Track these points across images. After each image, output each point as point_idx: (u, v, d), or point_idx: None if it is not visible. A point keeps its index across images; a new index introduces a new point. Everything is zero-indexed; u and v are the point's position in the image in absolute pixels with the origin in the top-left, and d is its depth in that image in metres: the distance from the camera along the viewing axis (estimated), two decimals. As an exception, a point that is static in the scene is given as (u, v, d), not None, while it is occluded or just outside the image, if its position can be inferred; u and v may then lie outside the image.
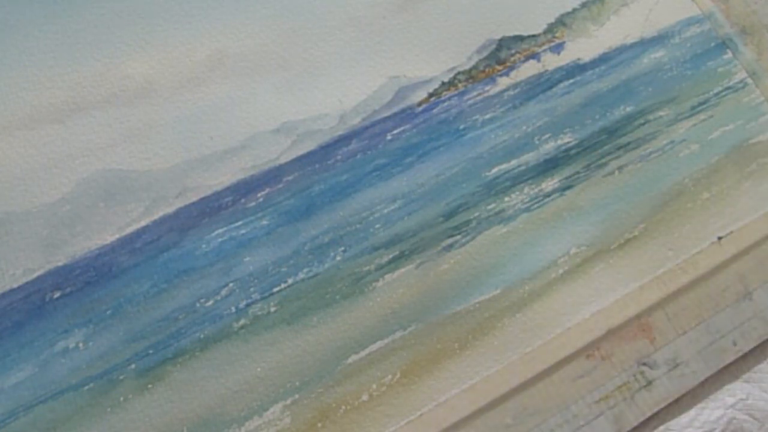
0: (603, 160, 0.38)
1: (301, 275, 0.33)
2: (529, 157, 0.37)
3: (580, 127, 0.38)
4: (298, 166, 0.35)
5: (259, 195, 0.34)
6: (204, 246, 0.33)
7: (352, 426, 0.31)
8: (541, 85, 0.39)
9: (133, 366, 0.31)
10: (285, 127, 0.35)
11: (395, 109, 0.37)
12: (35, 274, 0.31)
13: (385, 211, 0.35)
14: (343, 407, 0.31)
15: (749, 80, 0.41)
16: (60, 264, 0.31)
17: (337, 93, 0.36)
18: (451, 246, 0.35)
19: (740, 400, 0.35)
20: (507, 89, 0.38)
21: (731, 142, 0.39)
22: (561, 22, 0.40)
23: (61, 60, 0.34)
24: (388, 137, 0.36)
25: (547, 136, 0.38)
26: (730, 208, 0.38)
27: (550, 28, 0.40)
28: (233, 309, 0.32)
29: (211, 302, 0.32)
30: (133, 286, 0.32)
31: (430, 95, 0.37)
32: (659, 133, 0.39)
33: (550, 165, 0.37)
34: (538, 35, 0.40)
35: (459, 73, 0.38)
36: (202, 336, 0.31)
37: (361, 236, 0.34)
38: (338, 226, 0.34)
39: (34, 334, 0.30)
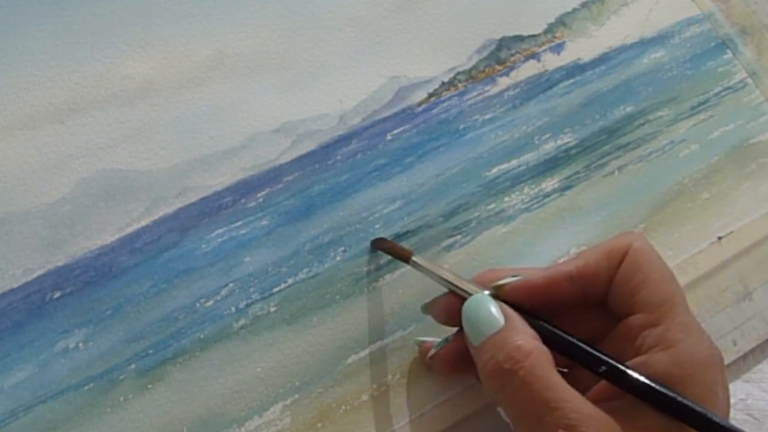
0: (603, 160, 0.38)
1: (301, 275, 0.33)
2: (529, 157, 0.37)
3: (580, 127, 0.38)
4: (298, 166, 0.35)
5: (259, 195, 0.34)
6: (204, 246, 0.33)
7: (352, 426, 0.31)
8: (541, 85, 0.39)
9: (133, 366, 0.31)
10: (285, 127, 0.35)
11: (395, 109, 0.37)
12: (35, 274, 0.31)
13: (385, 211, 0.35)
14: (343, 407, 0.31)
15: (749, 80, 0.41)
16: (60, 264, 0.31)
17: (337, 93, 0.36)
18: (451, 246, 0.35)
19: (740, 400, 0.35)
20: (507, 89, 0.38)
21: (731, 142, 0.39)
22: (561, 22, 0.40)
23: (61, 60, 0.34)
24: (388, 137, 0.36)
25: (547, 136, 0.38)
26: (730, 208, 0.38)
27: (550, 28, 0.40)
28: (233, 309, 0.32)
29: (211, 302, 0.32)
30: (133, 286, 0.32)
31: (430, 95, 0.37)
32: (659, 133, 0.39)
33: (550, 165, 0.37)
34: (538, 35, 0.40)
35: (459, 73, 0.38)
36: (202, 336, 0.31)
37: (361, 236, 0.34)
38: (338, 226, 0.34)
39: (34, 334, 0.30)
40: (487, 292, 0.28)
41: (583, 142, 0.38)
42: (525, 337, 0.26)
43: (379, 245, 0.34)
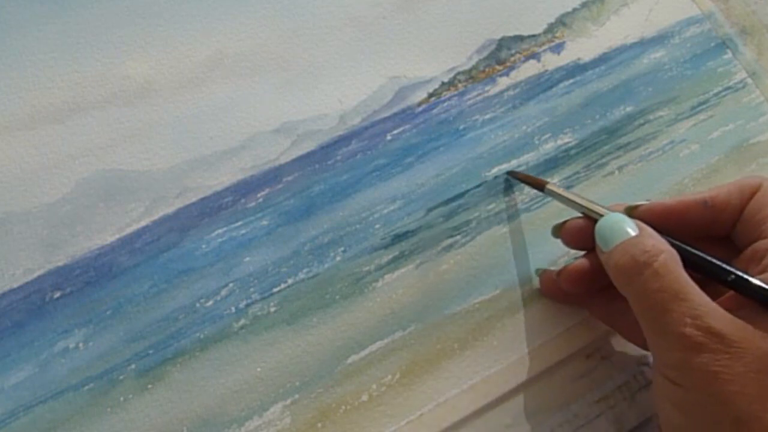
0: (603, 160, 0.38)
1: (301, 275, 0.33)
2: (529, 157, 0.37)
3: (580, 127, 0.38)
4: (298, 166, 0.35)
5: (259, 195, 0.34)
6: (204, 246, 0.33)
7: (352, 426, 0.31)
8: (541, 85, 0.39)
9: (133, 366, 0.31)
10: (285, 127, 0.35)
11: (395, 109, 0.37)
12: (35, 274, 0.31)
13: (385, 211, 0.35)
14: (343, 407, 0.31)
15: (749, 80, 0.41)
16: (60, 264, 0.31)
17: (337, 93, 0.36)
18: (451, 246, 0.35)
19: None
20: (507, 89, 0.38)
21: (731, 142, 0.39)
22: (561, 22, 0.40)
23: (61, 60, 0.34)
24: (388, 137, 0.36)
25: (547, 136, 0.38)
26: (730, 208, 0.38)
27: (550, 28, 0.40)
28: (233, 309, 0.32)
29: (211, 302, 0.32)
30: (133, 286, 0.32)
31: (430, 95, 0.37)
32: (659, 133, 0.39)
33: (550, 165, 0.37)
34: (538, 35, 0.40)
35: (459, 73, 0.38)
36: (202, 336, 0.31)
37: (361, 236, 0.34)
38: (338, 226, 0.34)
39: (34, 334, 0.30)
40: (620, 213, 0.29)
41: (583, 142, 0.38)
42: (659, 240, 0.27)
43: (515, 176, 0.36)
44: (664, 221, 0.29)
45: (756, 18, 0.42)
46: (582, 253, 0.32)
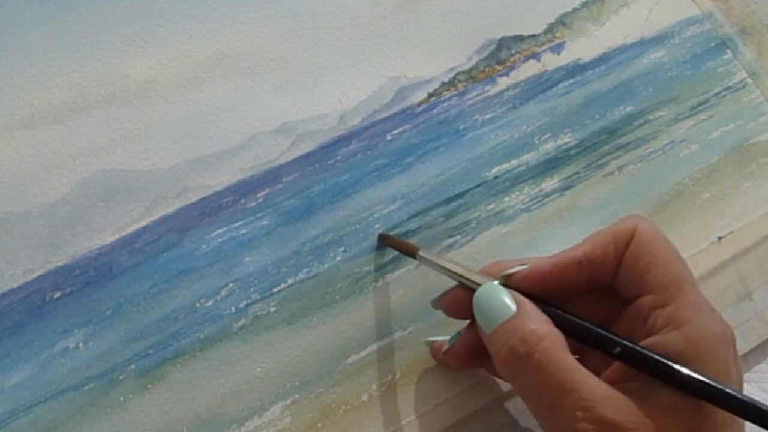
0: (603, 160, 0.38)
1: (301, 275, 0.33)
2: (529, 157, 0.37)
3: (580, 127, 0.38)
4: (298, 166, 0.35)
5: (259, 195, 0.34)
6: (204, 246, 0.33)
7: (352, 426, 0.31)
8: (541, 85, 0.39)
9: (133, 366, 0.31)
10: (285, 127, 0.35)
11: (395, 109, 0.37)
12: (35, 274, 0.31)
13: (385, 211, 0.35)
14: (343, 407, 0.31)
15: (749, 80, 0.41)
16: (60, 264, 0.31)
17: (337, 93, 0.36)
18: (451, 246, 0.35)
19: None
20: (507, 89, 0.38)
21: (731, 142, 0.39)
22: (561, 22, 0.40)
23: (61, 60, 0.34)
24: (388, 137, 0.36)
25: (547, 136, 0.38)
26: (730, 208, 0.38)
27: (550, 28, 0.40)
28: (233, 309, 0.32)
29: (211, 302, 0.32)
30: (133, 286, 0.32)
31: (430, 95, 0.37)
32: (659, 133, 0.39)
33: (550, 165, 0.37)
34: (538, 35, 0.40)
35: (459, 73, 0.38)
36: (202, 336, 0.31)
37: (361, 236, 0.34)
38: (338, 226, 0.34)
39: (34, 334, 0.30)
40: (496, 282, 0.28)
41: (583, 142, 0.38)
42: (538, 322, 0.26)
43: (386, 241, 0.34)
44: (542, 287, 0.27)
45: (756, 18, 0.42)
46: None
